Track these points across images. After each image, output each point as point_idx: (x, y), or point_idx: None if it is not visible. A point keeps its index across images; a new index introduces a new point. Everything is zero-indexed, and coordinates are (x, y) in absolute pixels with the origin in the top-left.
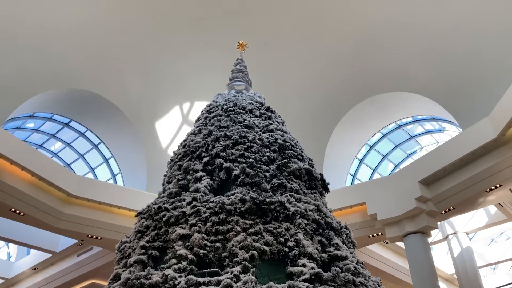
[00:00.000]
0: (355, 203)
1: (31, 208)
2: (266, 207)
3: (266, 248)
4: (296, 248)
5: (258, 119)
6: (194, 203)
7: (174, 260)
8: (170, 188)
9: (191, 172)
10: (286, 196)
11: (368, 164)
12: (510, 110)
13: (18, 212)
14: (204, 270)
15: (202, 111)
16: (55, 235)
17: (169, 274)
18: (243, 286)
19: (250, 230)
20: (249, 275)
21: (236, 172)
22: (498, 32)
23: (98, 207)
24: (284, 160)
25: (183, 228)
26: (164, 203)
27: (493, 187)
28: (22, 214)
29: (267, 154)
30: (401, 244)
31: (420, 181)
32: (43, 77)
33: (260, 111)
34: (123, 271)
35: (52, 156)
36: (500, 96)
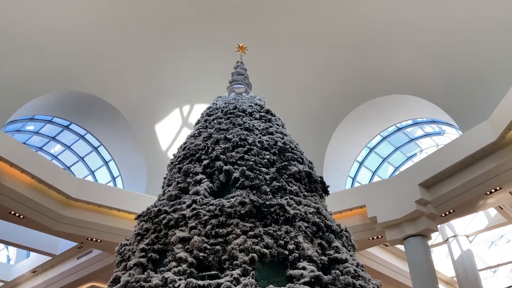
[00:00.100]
0: (355, 206)
1: (31, 210)
2: (266, 209)
3: (266, 251)
4: (296, 251)
5: (258, 122)
6: (194, 206)
7: (174, 263)
8: (170, 190)
9: (191, 174)
10: (286, 199)
11: (368, 167)
12: (510, 113)
13: (17, 214)
14: (204, 273)
15: (202, 114)
16: (55, 237)
17: (168, 277)
18: None
19: (250, 233)
20: (249, 278)
21: (236, 174)
22: (498, 34)
23: (98, 210)
24: (284, 163)
25: (183, 231)
26: (164, 206)
27: (493, 190)
28: (21, 216)
29: (267, 157)
30: (401, 247)
31: (420, 183)
32: (43, 79)
33: (260, 113)
34: (123, 274)
35: (52, 158)
36: (500, 98)
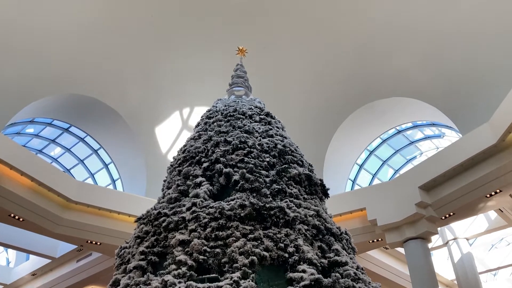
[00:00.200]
0: (355, 209)
1: (31, 213)
2: (266, 212)
3: (266, 253)
4: (296, 254)
5: (258, 125)
6: (194, 208)
7: (173, 266)
8: (169, 193)
9: (190, 177)
10: (286, 202)
11: (368, 170)
12: (510, 116)
13: (17, 217)
14: (203, 276)
15: (202, 117)
16: (54, 240)
17: (168, 280)
18: None
19: (250, 236)
20: (248, 281)
21: (236, 177)
22: (498, 37)
23: (98, 213)
24: (284, 166)
25: (182, 233)
26: (163, 209)
27: (493, 193)
28: (21, 219)
29: (267, 160)
30: (401, 250)
31: (420, 186)
32: (42, 81)
33: (260, 116)
34: (123, 277)
35: (51, 161)
36: (500, 101)
